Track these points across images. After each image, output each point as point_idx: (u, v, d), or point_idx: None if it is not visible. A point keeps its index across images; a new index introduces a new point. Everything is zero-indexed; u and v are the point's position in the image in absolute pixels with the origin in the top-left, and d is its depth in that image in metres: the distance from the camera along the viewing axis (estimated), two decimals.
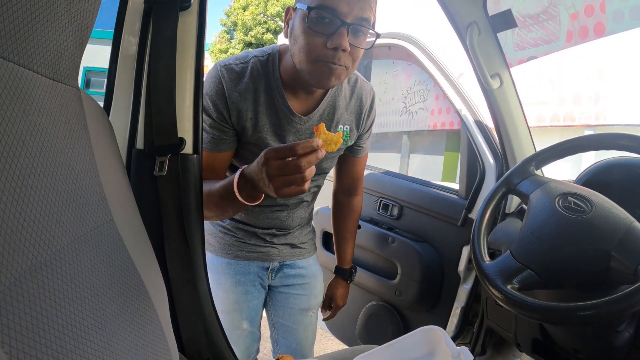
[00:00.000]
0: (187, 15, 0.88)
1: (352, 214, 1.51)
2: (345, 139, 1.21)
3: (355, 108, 1.22)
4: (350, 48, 0.94)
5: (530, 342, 1.33)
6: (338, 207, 1.52)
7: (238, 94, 1.07)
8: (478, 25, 1.35)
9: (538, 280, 0.91)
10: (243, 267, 1.32)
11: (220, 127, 1.09)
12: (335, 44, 0.92)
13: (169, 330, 0.69)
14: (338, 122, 1.19)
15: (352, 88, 1.21)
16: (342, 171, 1.43)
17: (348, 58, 0.97)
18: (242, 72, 1.08)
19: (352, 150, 1.33)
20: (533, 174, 1.11)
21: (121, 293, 0.55)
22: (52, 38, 0.51)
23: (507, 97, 1.48)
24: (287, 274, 1.38)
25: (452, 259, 1.76)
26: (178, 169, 0.84)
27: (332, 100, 1.16)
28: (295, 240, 1.36)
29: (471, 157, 1.77)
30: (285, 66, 1.08)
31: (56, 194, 0.47)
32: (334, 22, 0.92)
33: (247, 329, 1.33)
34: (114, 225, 0.59)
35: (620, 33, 5.06)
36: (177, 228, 0.84)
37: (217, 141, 1.10)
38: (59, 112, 0.53)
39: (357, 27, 0.94)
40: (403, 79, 9.62)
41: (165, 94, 0.84)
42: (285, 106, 1.09)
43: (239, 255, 1.31)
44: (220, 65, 1.08)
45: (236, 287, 1.31)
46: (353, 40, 0.95)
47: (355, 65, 1.01)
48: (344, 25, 0.92)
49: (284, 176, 0.78)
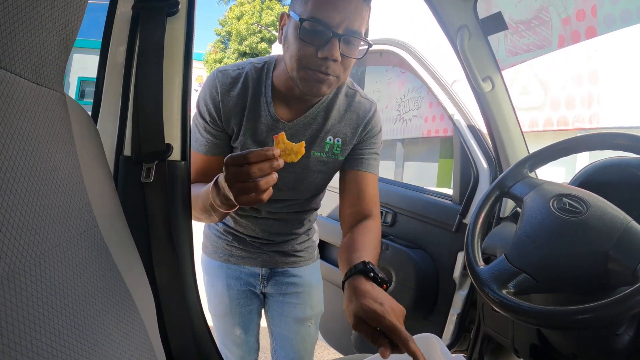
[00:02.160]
0: (175, 20, 0.87)
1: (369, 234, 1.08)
2: (335, 152, 1.16)
3: (351, 122, 1.15)
4: (341, 58, 0.95)
5: (528, 348, 1.32)
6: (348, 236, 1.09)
7: (230, 99, 1.07)
8: (469, 29, 1.35)
9: (534, 284, 0.90)
10: (234, 272, 1.32)
11: (214, 131, 1.10)
12: (326, 54, 0.92)
13: (157, 341, 0.67)
14: (328, 133, 1.14)
15: (349, 102, 1.16)
16: (346, 190, 1.17)
17: (339, 67, 0.97)
18: (237, 77, 1.09)
19: (352, 161, 1.17)
20: (527, 176, 1.10)
21: (105, 301, 0.54)
22: (35, 41, 0.50)
23: (499, 100, 1.48)
24: (279, 282, 1.36)
25: (447, 265, 1.75)
26: (165, 176, 0.83)
27: (324, 110, 1.13)
28: (287, 247, 1.34)
29: (464, 162, 1.77)
30: (279, 73, 1.08)
31: (37, 198, 0.45)
32: (326, 33, 0.92)
33: (241, 336, 1.31)
34: (99, 232, 0.58)
35: (611, 33, 5.10)
36: (164, 235, 0.83)
37: (210, 145, 1.10)
38: (42, 117, 0.52)
39: (349, 38, 0.94)
40: (396, 87, 9.67)
41: (152, 100, 0.83)
42: (270, 112, 1.09)
43: (230, 259, 1.31)
44: (217, 71, 1.10)
45: (227, 291, 1.30)
46: (345, 50, 0.95)
47: (346, 74, 1.01)
48: (335, 36, 0.92)
49: (240, 183, 0.77)
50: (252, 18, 22.51)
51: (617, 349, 0.99)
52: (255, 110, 1.09)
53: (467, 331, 1.71)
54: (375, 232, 1.09)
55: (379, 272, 0.87)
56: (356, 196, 1.15)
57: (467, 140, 1.71)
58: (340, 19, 0.92)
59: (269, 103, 1.09)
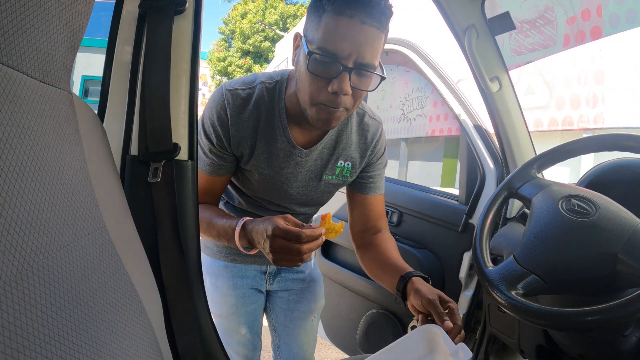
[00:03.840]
0: (182, 19, 0.87)
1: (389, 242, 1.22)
2: (345, 175, 1.18)
3: (360, 145, 1.17)
4: (352, 91, 0.91)
5: (535, 349, 1.31)
6: (363, 249, 1.25)
7: (241, 122, 1.04)
8: (476, 29, 1.34)
9: (543, 285, 0.89)
10: (240, 271, 1.31)
11: (220, 153, 1.07)
12: (336, 88, 0.89)
13: (164, 341, 0.67)
14: (339, 158, 1.14)
15: (359, 124, 1.16)
16: (355, 211, 1.26)
17: (350, 100, 0.93)
18: (248, 98, 1.04)
19: (360, 185, 1.22)
20: (535, 177, 1.09)
21: (113, 302, 0.53)
22: (42, 39, 0.49)
23: (507, 101, 1.47)
24: (285, 278, 1.37)
25: (453, 265, 1.74)
26: (173, 175, 0.82)
27: (336, 134, 1.12)
28: None
29: (471, 162, 1.76)
30: (291, 95, 1.05)
31: (45, 199, 0.45)
32: (336, 66, 0.88)
33: (246, 335, 1.31)
34: (106, 232, 0.58)
35: (617, 34, 5.08)
36: (171, 236, 0.82)
37: (215, 166, 1.09)
38: (49, 116, 0.51)
39: (359, 71, 0.90)
40: (401, 86, 9.65)
41: (159, 99, 0.82)
42: (286, 138, 1.06)
43: (236, 258, 1.31)
44: (225, 90, 1.05)
45: (233, 291, 1.30)
46: (356, 83, 0.91)
47: (357, 105, 0.98)
48: (345, 69, 0.88)
49: (284, 253, 0.85)
50: (256, 17, 22.52)
51: (624, 350, 0.98)
52: (270, 133, 1.06)
53: (472, 332, 1.70)
54: (391, 241, 1.22)
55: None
56: (366, 217, 1.25)
57: (473, 140, 1.70)
58: (350, 51, 0.87)
59: (284, 127, 1.06)
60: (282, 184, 1.12)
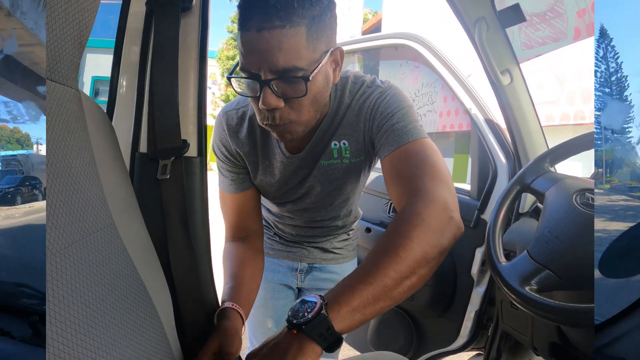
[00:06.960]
0: (189, 16, 0.87)
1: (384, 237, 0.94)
2: (345, 155, 1.06)
3: (351, 120, 1.03)
4: (285, 101, 0.83)
5: (548, 346, 1.29)
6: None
7: (240, 141, 1.05)
8: (486, 21, 1.32)
9: (558, 280, 0.88)
10: (272, 265, 1.32)
11: (235, 168, 1.09)
12: (262, 105, 0.82)
13: (173, 337, 0.67)
14: (330, 139, 1.04)
15: (351, 100, 1.03)
16: (388, 180, 0.96)
17: (287, 111, 0.85)
18: (243, 116, 1.04)
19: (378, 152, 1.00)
20: (548, 170, 1.08)
21: (122, 299, 0.53)
22: (49, 36, 0.49)
23: (518, 94, 1.45)
24: (317, 277, 1.37)
25: (465, 261, 1.72)
26: (182, 172, 0.82)
27: (328, 123, 1.03)
28: (327, 245, 1.34)
29: (482, 157, 1.74)
30: None
31: (52, 195, 0.45)
32: (254, 83, 0.82)
33: (272, 328, 1.32)
34: (115, 229, 0.57)
35: None
36: (181, 232, 0.82)
37: (237, 182, 1.09)
38: (57, 113, 0.51)
39: (280, 79, 0.81)
40: (410, 82, 9.58)
41: (167, 96, 0.82)
42: (281, 149, 1.05)
43: (269, 252, 1.32)
44: (223, 112, 1.07)
45: (264, 284, 1.26)
46: (286, 91, 0.82)
47: (304, 113, 0.87)
48: (263, 84, 0.80)
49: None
50: None
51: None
52: (268, 148, 1.07)
53: (484, 328, 1.69)
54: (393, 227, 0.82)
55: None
56: (389, 183, 0.94)
57: (485, 134, 1.68)
58: (259, 64, 0.79)
59: (278, 140, 1.02)
60: (293, 187, 1.13)
